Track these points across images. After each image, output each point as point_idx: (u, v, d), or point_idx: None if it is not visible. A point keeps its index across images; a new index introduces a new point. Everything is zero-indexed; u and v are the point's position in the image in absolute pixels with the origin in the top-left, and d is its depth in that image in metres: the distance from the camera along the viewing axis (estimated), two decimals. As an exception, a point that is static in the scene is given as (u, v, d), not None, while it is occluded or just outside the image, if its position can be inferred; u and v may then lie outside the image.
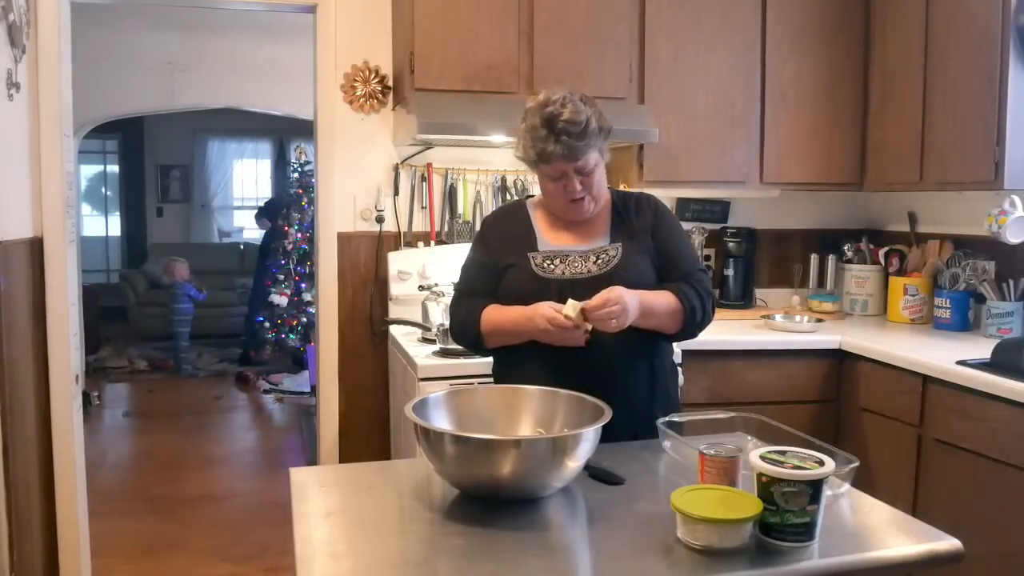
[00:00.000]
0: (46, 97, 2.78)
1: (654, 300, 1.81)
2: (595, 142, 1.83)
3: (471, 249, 2.04)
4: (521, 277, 1.88)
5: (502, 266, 1.92)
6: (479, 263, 1.98)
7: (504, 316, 1.85)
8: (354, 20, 3.32)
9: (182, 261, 7.28)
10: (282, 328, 7.15)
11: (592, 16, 3.10)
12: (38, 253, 2.81)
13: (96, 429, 5.45)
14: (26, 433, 2.67)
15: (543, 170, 1.88)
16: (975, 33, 2.80)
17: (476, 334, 1.89)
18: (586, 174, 1.85)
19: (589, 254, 1.89)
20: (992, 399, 2.33)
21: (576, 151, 1.80)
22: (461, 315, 1.94)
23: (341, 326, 3.38)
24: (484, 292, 1.93)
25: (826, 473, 1.25)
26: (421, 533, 1.37)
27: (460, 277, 2.02)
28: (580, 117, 1.79)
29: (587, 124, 1.80)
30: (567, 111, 1.79)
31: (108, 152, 10.03)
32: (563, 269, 1.87)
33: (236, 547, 3.61)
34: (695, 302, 1.84)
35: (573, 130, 1.79)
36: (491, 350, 1.94)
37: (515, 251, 1.92)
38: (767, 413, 1.78)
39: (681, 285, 1.86)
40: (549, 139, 1.80)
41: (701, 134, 3.26)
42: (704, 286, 1.89)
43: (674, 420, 1.71)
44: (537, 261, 1.89)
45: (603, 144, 1.88)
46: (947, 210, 3.38)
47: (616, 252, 1.89)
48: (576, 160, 1.82)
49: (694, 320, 1.85)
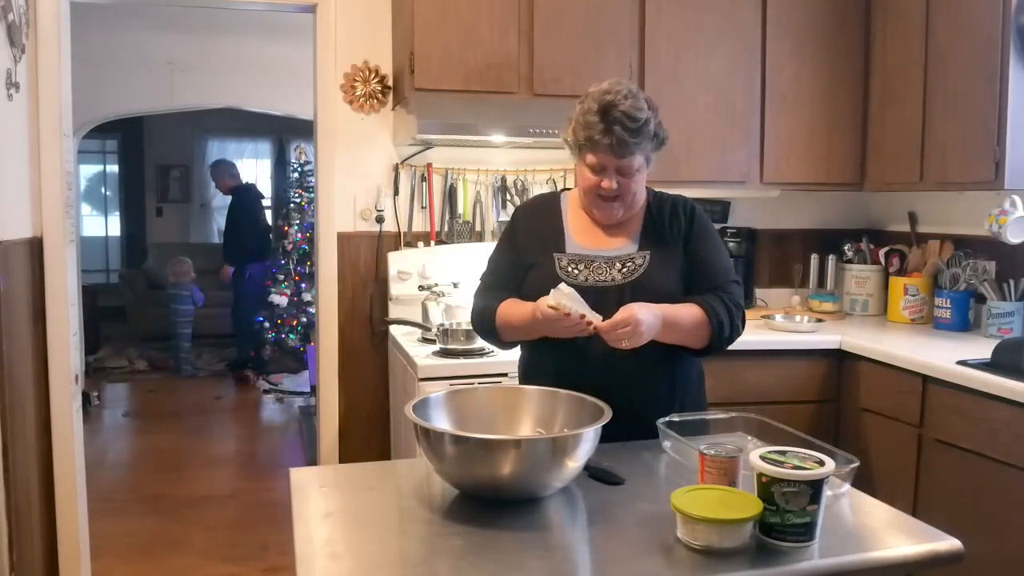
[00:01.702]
0: (46, 97, 2.78)
1: (678, 314, 1.74)
2: (645, 145, 1.78)
3: (500, 239, 2.02)
4: (544, 278, 1.82)
5: (527, 264, 1.89)
6: (505, 256, 1.96)
7: (514, 312, 1.83)
8: (354, 20, 3.32)
9: (188, 262, 7.28)
10: (282, 328, 7.15)
11: (592, 16, 3.10)
12: (38, 253, 2.81)
13: (96, 429, 5.45)
14: (26, 433, 2.66)
15: (586, 158, 1.81)
16: (975, 33, 2.80)
17: (492, 328, 1.88)
18: (626, 175, 1.79)
19: (615, 260, 1.84)
20: (992, 399, 2.32)
21: (624, 147, 1.75)
22: (479, 309, 1.93)
23: (341, 326, 3.38)
24: (506, 287, 1.91)
25: (826, 473, 1.25)
26: (421, 533, 1.37)
27: (486, 267, 2.00)
28: (639, 114, 1.74)
29: (644, 124, 1.75)
30: (627, 104, 1.74)
31: (108, 152, 10.03)
32: (587, 275, 1.83)
33: (236, 547, 3.61)
34: (723, 316, 1.76)
35: (628, 124, 1.73)
36: (513, 345, 1.94)
37: (541, 249, 1.89)
38: (767, 413, 1.78)
39: (709, 298, 1.78)
40: (600, 127, 1.74)
41: (701, 134, 3.26)
42: (734, 299, 1.81)
43: (674, 420, 1.70)
44: (562, 264, 1.86)
45: (652, 153, 1.82)
46: (947, 210, 3.38)
47: (643, 260, 1.83)
48: (621, 157, 1.76)
49: (721, 335, 1.77)
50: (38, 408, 2.80)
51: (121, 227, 10.18)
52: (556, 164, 3.52)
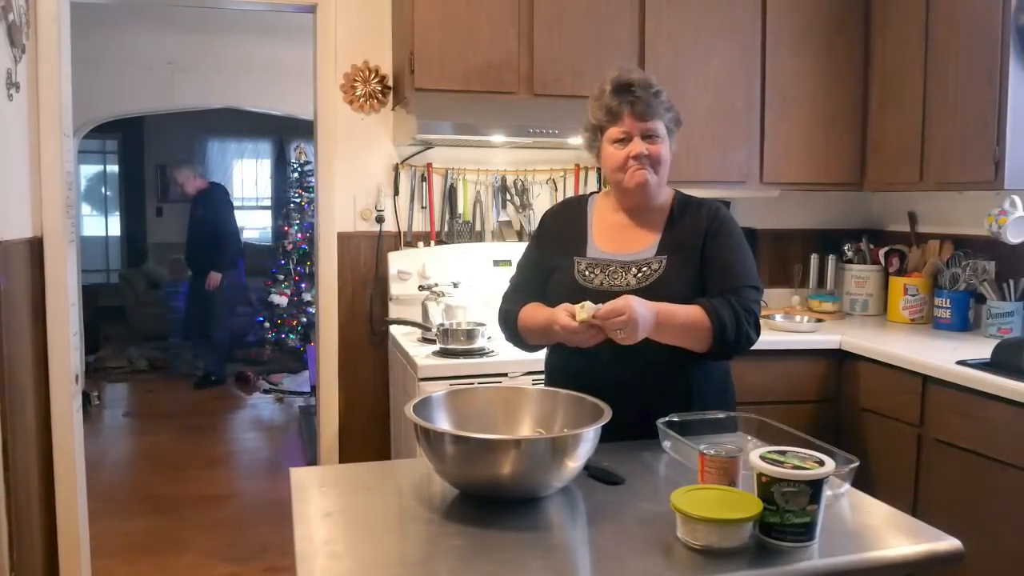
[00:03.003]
0: (46, 97, 2.78)
1: (675, 312, 1.71)
2: (664, 113, 1.83)
3: (529, 240, 2.07)
4: (563, 282, 1.87)
5: (550, 267, 1.93)
6: (531, 259, 2.01)
7: (534, 317, 1.86)
8: (354, 20, 3.32)
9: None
10: (282, 328, 7.16)
11: (592, 16, 3.10)
12: (38, 253, 2.81)
13: (96, 429, 5.45)
14: (26, 433, 2.66)
15: (608, 134, 1.85)
16: (975, 33, 2.80)
17: (515, 332, 1.93)
18: (652, 140, 1.82)
19: (631, 265, 1.84)
20: (992, 399, 2.33)
21: (647, 107, 1.80)
22: (503, 312, 1.97)
23: (341, 326, 3.38)
24: (533, 290, 1.94)
25: (826, 473, 1.25)
26: (420, 533, 1.37)
27: (515, 270, 2.04)
28: (652, 81, 1.83)
29: (659, 91, 1.83)
30: (638, 75, 1.83)
31: (108, 152, 10.03)
32: (602, 279, 1.84)
33: (236, 547, 3.61)
34: (727, 320, 1.71)
35: (644, 87, 1.80)
36: (538, 348, 1.97)
37: (564, 252, 1.91)
38: (767, 413, 1.77)
39: (715, 300, 1.74)
40: (618, 97, 1.81)
41: (701, 134, 3.26)
42: (746, 303, 1.76)
43: (674, 420, 1.70)
44: (580, 268, 1.88)
45: (673, 127, 1.88)
46: (947, 210, 3.38)
47: (659, 266, 1.83)
48: (645, 120, 1.80)
49: (724, 338, 1.71)
50: (38, 408, 2.80)
51: (121, 227, 10.18)
52: (556, 164, 3.52)
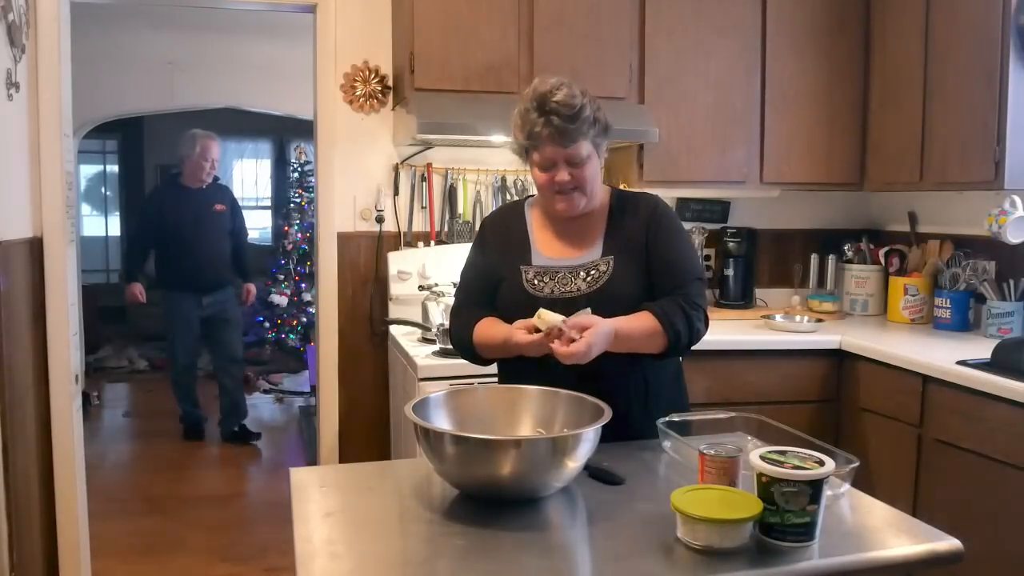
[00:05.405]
0: (46, 97, 2.78)
1: (631, 328, 1.71)
2: (588, 131, 1.77)
3: (471, 250, 2.01)
4: (513, 292, 1.85)
5: (497, 278, 1.90)
6: (477, 269, 1.96)
7: (490, 336, 1.83)
8: (354, 20, 3.32)
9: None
10: (282, 328, 7.15)
11: (592, 16, 3.10)
12: (38, 253, 2.81)
13: (96, 429, 5.45)
14: (26, 433, 2.66)
15: (533, 158, 1.83)
16: (975, 33, 2.80)
17: (471, 349, 1.89)
18: (576, 165, 1.78)
19: (579, 270, 1.83)
20: (992, 399, 2.32)
21: (566, 135, 1.75)
22: (457, 327, 1.93)
23: (341, 326, 3.38)
24: (482, 302, 1.91)
25: (826, 473, 1.25)
26: (421, 533, 1.37)
27: (460, 282, 1.99)
28: (573, 101, 1.74)
29: (580, 110, 1.75)
30: (560, 94, 1.74)
31: (108, 152, 10.02)
32: (552, 287, 1.83)
33: (236, 547, 3.61)
34: (680, 326, 1.74)
35: (564, 112, 1.73)
36: (492, 361, 1.93)
37: (509, 262, 1.89)
38: (767, 413, 1.78)
39: (667, 305, 1.76)
40: (539, 121, 1.75)
41: (701, 134, 3.26)
42: (694, 299, 1.78)
43: (674, 420, 1.70)
44: (528, 276, 1.86)
45: (600, 139, 1.82)
46: (947, 210, 3.38)
47: (607, 267, 1.83)
48: (566, 146, 1.76)
49: (678, 344, 1.75)
50: (38, 408, 2.80)
51: (121, 227, 10.18)
52: (556, 164, 3.52)
